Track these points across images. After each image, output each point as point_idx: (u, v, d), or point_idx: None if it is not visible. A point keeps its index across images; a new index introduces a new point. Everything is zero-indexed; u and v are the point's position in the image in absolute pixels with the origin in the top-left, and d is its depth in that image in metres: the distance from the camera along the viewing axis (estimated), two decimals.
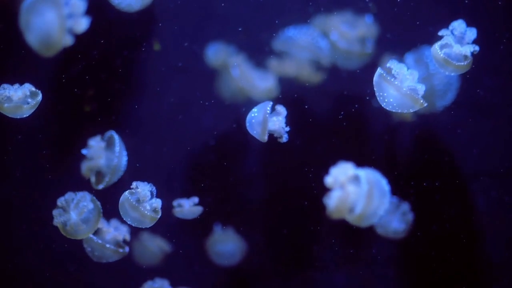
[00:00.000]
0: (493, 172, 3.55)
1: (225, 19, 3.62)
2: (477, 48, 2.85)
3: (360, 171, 2.44)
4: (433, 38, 2.98)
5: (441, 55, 2.89)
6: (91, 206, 3.01)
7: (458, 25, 2.87)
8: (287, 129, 3.00)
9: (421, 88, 2.83)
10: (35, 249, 3.62)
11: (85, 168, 3.28)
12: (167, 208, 3.46)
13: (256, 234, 3.71)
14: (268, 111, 2.95)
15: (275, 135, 3.02)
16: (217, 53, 3.57)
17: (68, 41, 2.69)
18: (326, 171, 3.52)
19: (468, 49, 2.85)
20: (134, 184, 2.96)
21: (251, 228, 3.71)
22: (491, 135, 3.57)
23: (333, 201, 2.43)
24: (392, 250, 3.60)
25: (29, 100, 2.90)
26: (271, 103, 2.97)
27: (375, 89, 2.90)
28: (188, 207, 3.26)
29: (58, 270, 3.49)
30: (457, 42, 2.87)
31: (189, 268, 3.72)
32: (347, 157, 3.53)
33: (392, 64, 2.86)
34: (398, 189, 3.46)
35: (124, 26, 3.50)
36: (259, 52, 3.58)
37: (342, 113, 3.58)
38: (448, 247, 3.58)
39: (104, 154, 3.25)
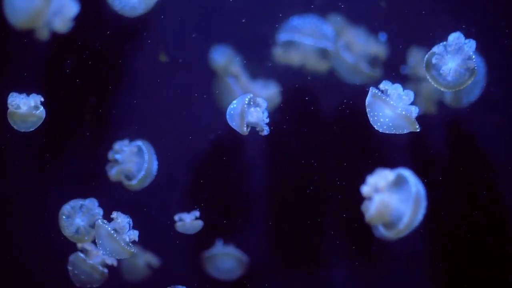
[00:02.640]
0: (496, 168, 3.53)
1: (228, 13, 3.58)
2: (471, 64, 2.80)
3: (406, 174, 2.43)
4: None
5: (431, 73, 2.87)
6: (101, 212, 3.03)
7: (454, 40, 2.81)
8: (267, 121, 2.95)
9: (415, 110, 2.80)
10: (34, 247, 3.62)
11: (116, 172, 3.28)
12: (166, 206, 3.53)
13: (257, 228, 3.70)
14: (246, 103, 2.89)
15: (257, 129, 2.97)
16: (221, 56, 3.54)
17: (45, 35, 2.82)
18: (328, 164, 3.56)
19: (455, 73, 2.83)
20: (114, 214, 2.94)
21: (252, 222, 3.70)
22: (496, 130, 3.54)
23: (375, 206, 2.40)
24: (393, 246, 3.58)
25: (35, 111, 2.94)
26: (251, 95, 2.93)
27: (367, 109, 2.85)
28: (189, 221, 3.24)
29: (56, 267, 3.48)
30: (454, 55, 2.82)
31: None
32: (349, 149, 3.57)
33: (386, 85, 2.82)
34: None
35: (126, 21, 3.40)
36: (263, 45, 3.55)
37: (344, 101, 3.55)
38: (450, 243, 3.58)
39: (136, 158, 3.28)
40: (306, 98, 3.61)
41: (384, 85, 2.82)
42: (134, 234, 2.94)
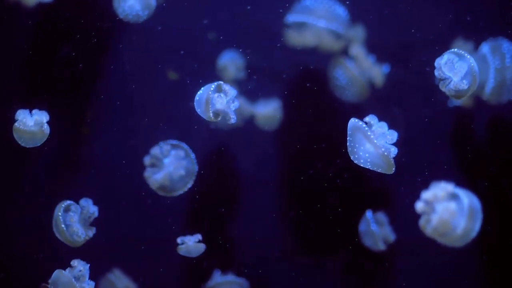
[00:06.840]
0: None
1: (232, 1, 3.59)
2: (464, 86, 2.76)
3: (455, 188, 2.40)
4: None
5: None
6: (97, 211, 3.05)
7: (444, 63, 2.78)
8: (234, 108, 2.87)
9: (394, 151, 2.75)
10: (30, 241, 3.63)
11: (162, 176, 3.26)
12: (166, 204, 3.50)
13: (261, 218, 3.70)
14: (211, 89, 2.82)
15: (226, 118, 2.90)
16: (227, 60, 3.54)
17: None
18: (332, 153, 3.53)
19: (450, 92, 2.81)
20: (75, 262, 2.90)
21: (255, 211, 3.70)
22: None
23: (438, 215, 2.35)
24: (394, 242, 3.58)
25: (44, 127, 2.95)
26: (221, 82, 2.86)
27: (349, 138, 2.79)
28: (192, 243, 3.20)
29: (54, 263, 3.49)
30: (449, 71, 2.79)
31: None
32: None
33: (372, 119, 2.77)
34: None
35: None
36: (268, 31, 3.56)
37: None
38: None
39: (180, 162, 3.28)
40: (308, 85, 3.58)
41: (370, 119, 2.77)
42: (91, 285, 2.91)
